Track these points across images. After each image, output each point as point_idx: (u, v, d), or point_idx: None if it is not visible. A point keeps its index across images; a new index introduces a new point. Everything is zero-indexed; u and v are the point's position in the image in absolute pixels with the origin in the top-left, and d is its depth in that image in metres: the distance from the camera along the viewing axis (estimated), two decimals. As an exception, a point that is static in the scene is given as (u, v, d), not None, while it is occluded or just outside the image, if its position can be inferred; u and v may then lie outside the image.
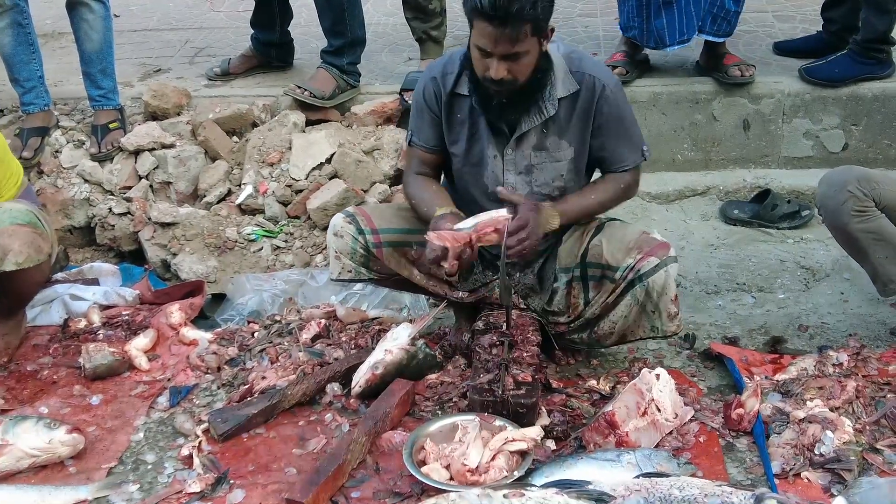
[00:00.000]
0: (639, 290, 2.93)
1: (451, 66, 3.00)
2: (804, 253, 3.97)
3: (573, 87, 2.93)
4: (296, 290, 3.73)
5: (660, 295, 2.93)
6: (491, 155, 3.02)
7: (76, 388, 3.17)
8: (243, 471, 2.74)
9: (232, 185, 4.20)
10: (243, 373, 3.22)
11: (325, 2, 4.29)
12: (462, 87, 2.96)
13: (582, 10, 5.51)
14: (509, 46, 2.70)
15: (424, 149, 3.11)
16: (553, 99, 2.91)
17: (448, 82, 2.98)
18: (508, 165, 3.02)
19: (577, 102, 2.94)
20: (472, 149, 3.03)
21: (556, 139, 2.98)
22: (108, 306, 3.65)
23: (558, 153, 3.00)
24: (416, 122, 3.11)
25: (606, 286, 3.01)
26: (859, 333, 3.38)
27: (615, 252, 2.98)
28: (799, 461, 2.66)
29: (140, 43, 5.37)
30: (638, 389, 2.78)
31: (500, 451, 2.57)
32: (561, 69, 2.92)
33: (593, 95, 2.94)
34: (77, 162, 4.25)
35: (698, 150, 4.49)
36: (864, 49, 4.31)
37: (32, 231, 3.10)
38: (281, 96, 4.44)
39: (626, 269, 2.94)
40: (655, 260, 2.91)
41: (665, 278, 2.91)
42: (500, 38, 2.69)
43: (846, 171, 3.20)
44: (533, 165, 3.01)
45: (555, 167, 3.02)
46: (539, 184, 3.04)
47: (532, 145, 2.99)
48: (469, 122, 3.00)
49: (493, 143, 3.00)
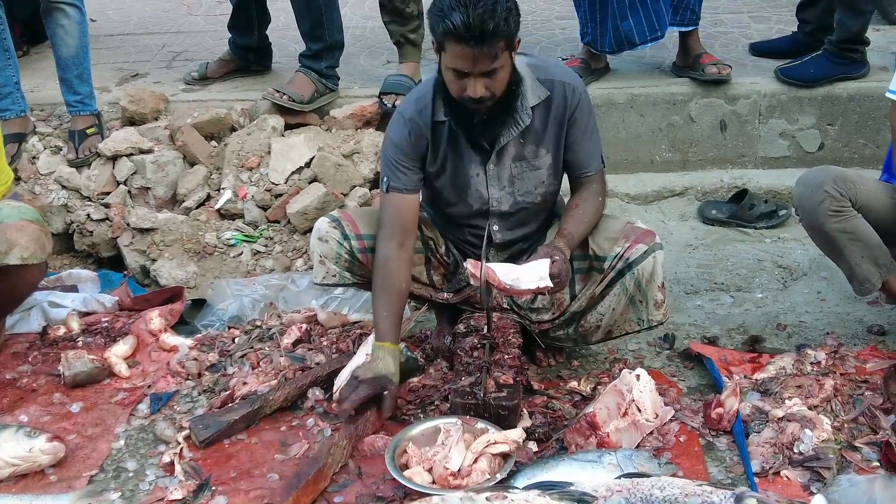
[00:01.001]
0: (628, 279, 2.95)
1: (421, 100, 2.96)
2: (781, 252, 4.00)
3: (543, 94, 2.94)
4: (276, 295, 3.72)
5: (648, 282, 2.95)
6: (474, 173, 3.01)
7: (56, 396, 3.15)
8: (225, 477, 2.73)
9: (211, 189, 4.19)
10: (224, 378, 3.21)
11: (304, 6, 4.29)
12: (440, 114, 2.93)
13: (560, 12, 5.53)
14: (487, 64, 2.70)
15: (406, 191, 3.00)
16: (526, 108, 2.92)
17: (426, 115, 2.95)
18: (492, 181, 3.02)
19: (551, 109, 2.95)
20: (458, 172, 3.02)
21: (534, 147, 2.99)
22: (87, 313, 3.63)
23: (537, 161, 3.01)
24: (392, 168, 2.99)
25: (594, 277, 3.02)
26: (837, 332, 3.41)
27: (602, 242, 3.00)
28: (778, 460, 2.68)
29: (117, 47, 5.34)
30: (618, 390, 2.79)
31: (482, 453, 2.58)
32: (528, 77, 2.93)
33: (566, 100, 2.95)
34: (54, 168, 4.23)
35: (676, 151, 4.51)
36: (838, 49, 4.35)
37: (40, 229, 3.11)
38: (259, 100, 4.43)
39: (615, 257, 2.96)
40: (643, 247, 2.93)
41: (653, 264, 2.93)
42: (479, 58, 2.68)
43: (823, 171, 3.23)
44: (514, 177, 3.02)
45: (535, 175, 3.03)
46: (522, 193, 3.04)
47: (512, 157, 2.99)
48: (451, 146, 2.98)
49: (475, 161, 3.00)
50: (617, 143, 4.45)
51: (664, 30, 4.36)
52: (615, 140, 4.43)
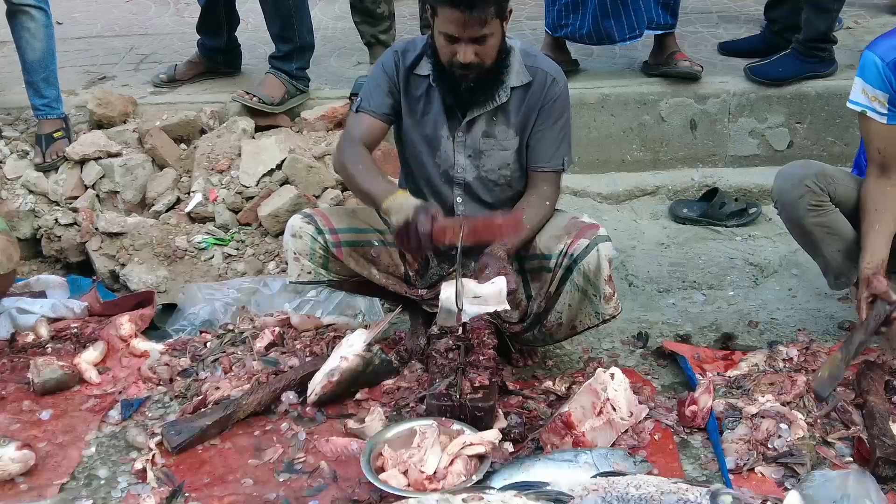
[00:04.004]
0: (576, 276, 2.94)
1: (412, 45, 3.07)
2: (752, 250, 4.03)
3: (526, 78, 3.01)
4: (248, 299, 3.69)
5: (595, 276, 2.93)
6: (444, 135, 3.07)
7: (25, 404, 3.11)
8: (198, 483, 2.70)
9: (181, 193, 4.16)
10: (196, 384, 3.18)
11: (273, 7, 4.26)
12: (421, 68, 3.02)
13: (529, 13, 5.54)
14: (478, 29, 2.79)
15: (373, 114, 3.07)
16: (506, 87, 2.99)
17: (408, 59, 3.04)
18: (459, 147, 3.07)
19: (528, 94, 3.02)
20: (426, 125, 3.07)
21: (504, 128, 3.04)
22: (57, 319, 3.58)
23: (505, 141, 3.05)
24: (370, 90, 3.09)
25: (545, 276, 3.03)
26: (808, 328, 3.43)
27: (547, 241, 3.02)
28: (752, 456, 2.69)
29: (84, 50, 5.29)
30: (593, 389, 2.80)
31: (457, 455, 2.57)
32: (517, 60, 3.01)
33: (543, 89, 3.01)
34: (21, 172, 4.17)
35: (647, 151, 4.53)
36: (806, 48, 4.39)
37: (6, 239, 3.07)
38: (229, 102, 4.40)
39: (560, 255, 2.96)
40: (585, 241, 2.92)
41: (597, 258, 2.91)
42: (469, 23, 2.77)
43: (803, 165, 3.26)
44: (482, 151, 3.07)
45: (501, 155, 3.07)
46: (486, 169, 3.09)
47: (482, 131, 3.05)
48: (425, 100, 3.05)
49: (446, 125, 3.06)
50: (588, 143, 4.47)
51: (642, 29, 4.40)
52: (587, 140, 4.45)
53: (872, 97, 3.04)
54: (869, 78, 3.04)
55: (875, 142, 3.10)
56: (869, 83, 3.04)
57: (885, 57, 3.00)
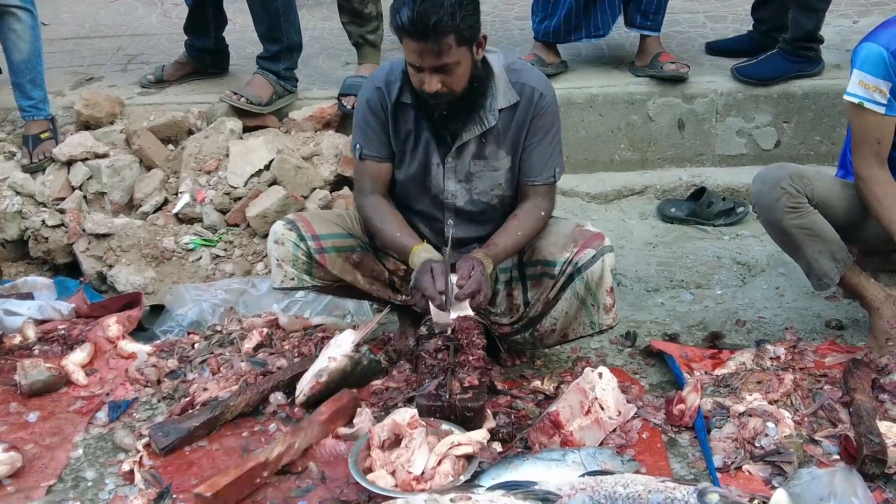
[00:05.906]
0: (578, 284, 2.96)
1: (392, 75, 2.99)
2: (740, 249, 4.04)
3: (514, 98, 2.96)
4: (236, 300, 3.69)
5: (597, 286, 2.96)
6: (435, 163, 3.03)
7: (12, 406, 3.10)
8: (186, 485, 2.69)
9: (168, 194, 4.15)
10: (184, 385, 3.17)
11: (261, 7, 4.26)
12: (406, 96, 2.96)
13: (518, 13, 5.54)
14: (435, 60, 2.73)
15: (378, 159, 3.06)
16: (493, 110, 2.94)
17: (393, 91, 2.98)
18: (449, 174, 3.03)
19: (517, 113, 2.97)
20: (417, 157, 3.04)
21: (495, 149, 3.00)
22: (44, 321, 3.57)
23: (496, 162, 3.02)
24: (364, 134, 3.06)
25: (546, 283, 3.03)
26: (795, 327, 3.45)
27: (552, 248, 3.02)
28: (740, 455, 2.70)
29: (71, 51, 5.27)
30: (581, 389, 2.80)
31: (445, 455, 2.57)
32: (502, 80, 2.94)
33: (531, 105, 2.97)
34: (8, 174, 4.16)
35: (635, 150, 4.54)
36: (793, 48, 4.40)
37: None
38: (217, 103, 4.39)
39: (565, 262, 2.97)
40: (592, 251, 2.94)
41: (602, 269, 2.94)
42: (425, 52, 2.72)
43: (779, 168, 3.27)
44: (472, 174, 3.03)
45: (493, 176, 3.04)
46: (478, 192, 3.06)
47: (472, 154, 3.01)
48: (415, 130, 3.01)
49: (436, 152, 3.01)
50: (577, 143, 4.47)
51: (606, 30, 4.50)
52: (575, 140, 4.46)
53: (873, 87, 3.04)
54: (869, 68, 3.03)
55: (873, 133, 3.10)
56: (870, 73, 3.03)
57: (889, 46, 3.00)
